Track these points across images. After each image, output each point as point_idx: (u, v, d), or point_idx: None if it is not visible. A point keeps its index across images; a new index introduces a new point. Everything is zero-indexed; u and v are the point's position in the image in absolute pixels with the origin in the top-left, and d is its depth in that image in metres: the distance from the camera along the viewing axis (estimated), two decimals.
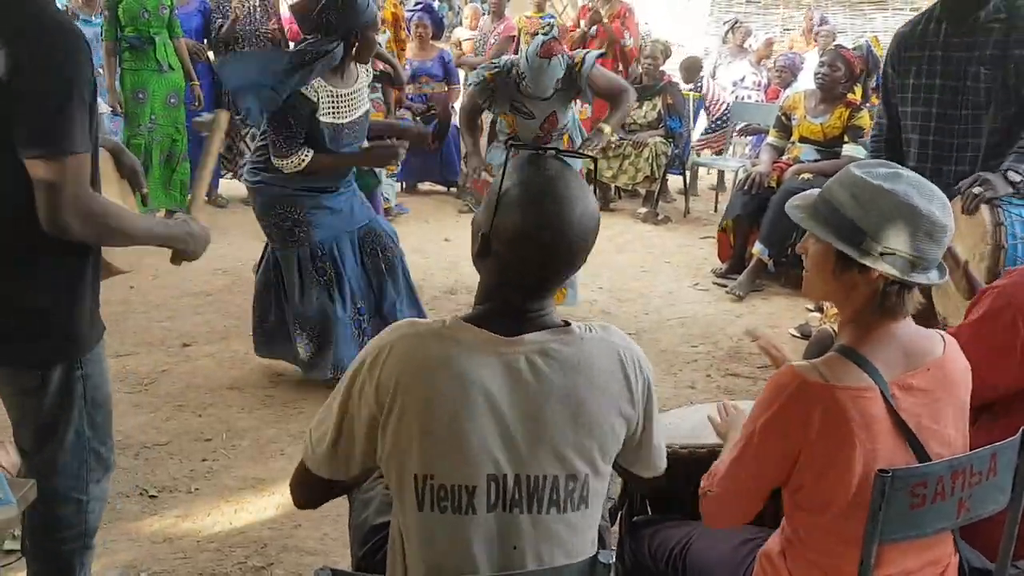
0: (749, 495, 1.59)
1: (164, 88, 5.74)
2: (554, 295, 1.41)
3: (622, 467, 1.52)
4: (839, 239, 1.50)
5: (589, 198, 1.37)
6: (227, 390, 3.63)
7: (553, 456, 1.31)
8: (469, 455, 1.29)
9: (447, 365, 1.30)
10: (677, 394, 3.76)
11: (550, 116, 4.13)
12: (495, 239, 1.35)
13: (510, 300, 1.37)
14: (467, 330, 1.34)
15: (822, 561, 1.54)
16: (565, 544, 1.34)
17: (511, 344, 1.33)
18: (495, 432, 1.29)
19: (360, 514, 1.74)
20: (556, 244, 1.33)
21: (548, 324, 1.37)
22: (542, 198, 1.33)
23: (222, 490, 2.91)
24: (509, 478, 1.31)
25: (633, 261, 5.79)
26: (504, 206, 1.34)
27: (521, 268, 1.35)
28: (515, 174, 1.36)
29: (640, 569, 1.95)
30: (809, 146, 5.21)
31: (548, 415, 1.31)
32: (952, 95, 3.12)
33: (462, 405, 1.28)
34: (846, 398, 1.45)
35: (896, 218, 1.47)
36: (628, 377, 1.38)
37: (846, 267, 1.52)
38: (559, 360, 1.33)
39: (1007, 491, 1.60)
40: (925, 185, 1.51)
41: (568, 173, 1.37)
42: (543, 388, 1.31)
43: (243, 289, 4.80)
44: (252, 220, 6.23)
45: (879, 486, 1.39)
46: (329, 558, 2.51)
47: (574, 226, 1.33)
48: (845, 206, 1.51)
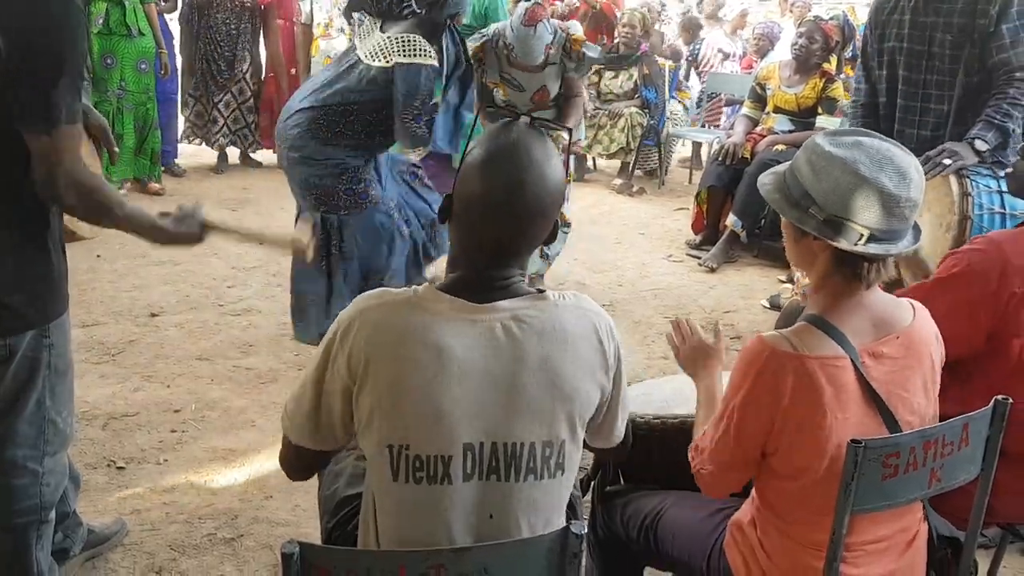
0: (740, 466, 1.59)
1: (134, 54, 5.61)
2: (520, 263, 1.38)
3: (585, 441, 1.49)
4: (788, 204, 1.52)
5: (549, 166, 1.34)
6: (196, 360, 3.58)
7: (530, 423, 1.30)
8: (444, 424, 1.27)
9: (419, 334, 1.28)
10: (650, 365, 3.77)
11: (540, 90, 4.11)
12: (456, 201, 1.35)
13: (474, 265, 1.35)
14: (439, 298, 1.32)
15: (792, 530, 1.55)
16: (542, 510, 1.34)
17: (484, 311, 1.31)
18: (470, 400, 1.28)
19: (330, 486, 1.72)
20: (507, 206, 1.31)
21: (521, 291, 1.35)
22: (498, 160, 1.32)
23: (191, 462, 2.87)
24: (486, 446, 1.29)
25: (608, 232, 5.78)
26: (465, 168, 1.35)
27: (477, 231, 1.34)
28: (483, 138, 1.37)
29: (612, 539, 1.95)
30: (783, 116, 5.22)
31: (524, 382, 1.30)
32: (918, 60, 3.13)
33: (435, 374, 1.27)
34: (816, 367, 1.45)
35: (843, 186, 1.46)
36: (603, 344, 1.37)
37: (801, 235, 1.54)
38: (534, 327, 1.31)
39: (978, 461, 1.61)
40: (884, 154, 1.48)
41: (532, 139, 1.34)
42: (519, 355, 1.30)
43: (212, 258, 4.74)
44: (221, 189, 6.28)
45: (851, 456, 1.39)
46: (300, 529, 2.50)
47: (526, 189, 1.31)
48: (802, 173, 1.52)
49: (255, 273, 4.60)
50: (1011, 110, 2.94)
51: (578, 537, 1.25)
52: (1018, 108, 2.94)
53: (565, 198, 4.29)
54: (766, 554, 1.58)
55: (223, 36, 6.21)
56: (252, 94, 6.51)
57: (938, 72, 3.10)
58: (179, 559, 2.40)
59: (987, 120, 2.95)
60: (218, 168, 6.65)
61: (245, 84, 6.45)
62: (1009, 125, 2.93)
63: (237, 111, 6.49)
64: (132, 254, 4.61)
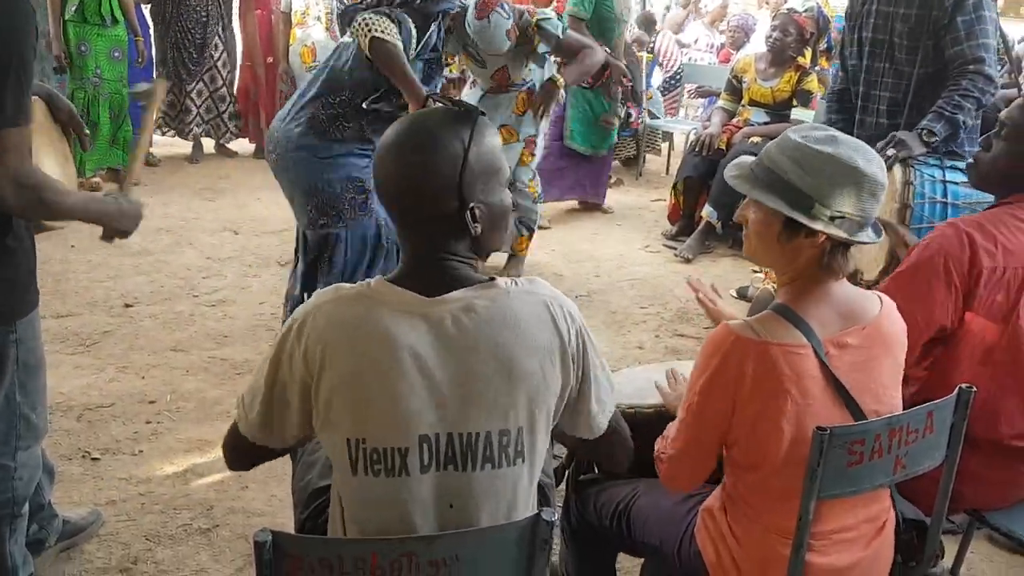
0: (700, 454, 1.61)
1: (107, 43, 5.56)
2: (449, 240, 1.36)
3: (564, 434, 1.49)
4: (790, 207, 1.50)
5: (441, 151, 1.32)
6: (171, 351, 3.57)
7: (485, 412, 1.31)
8: (399, 417, 1.28)
9: (372, 327, 1.29)
10: (626, 354, 3.79)
11: (500, 70, 4.09)
12: (375, 185, 1.42)
13: (413, 247, 1.38)
14: (390, 291, 1.33)
15: (761, 517, 1.58)
16: (502, 499, 1.34)
17: (435, 304, 1.32)
18: (425, 393, 1.29)
19: (304, 476, 1.73)
20: (389, 179, 1.36)
21: (471, 280, 1.36)
22: (394, 144, 1.36)
23: (167, 452, 2.87)
24: (441, 437, 1.30)
25: (585, 223, 5.80)
26: (376, 151, 1.41)
27: (389, 208, 1.40)
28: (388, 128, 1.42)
29: (586, 527, 1.97)
30: (759, 109, 5.25)
31: (477, 371, 1.30)
32: (879, 49, 3.19)
33: (390, 367, 1.27)
34: (778, 353, 1.48)
35: (843, 182, 1.48)
36: (558, 327, 1.36)
37: (793, 233, 1.53)
38: (485, 316, 1.32)
39: (943, 448, 1.64)
40: (861, 145, 1.53)
41: (433, 121, 1.36)
42: (470, 345, 1.30)
43: (186, 249, 4.72)
44: (196, 178, 6.24)
45: (817, 443, 1.42)
46: (276, 519, 2.50)
47: (404, 160, 1.33)
48: (789, 173, 1.52)
49: (230, 264, 4.59)
50: (962, 102, 2.98)
51: (548, 524, 1.26)
52: (969, 100, 2.98)
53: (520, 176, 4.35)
54: (736, 540, 1.60)
55: (193, 23, 6.15)
56: (225, 83, 6.47)
57: (896, 62, 3.15)
58: (155, 549, 2.40)
59: (938, 111, 2.99)
60: (193, 158, 6.61)
61: (217, 72, 6.40)
62: (959, 117, 2.97)
63: (209, 100, 6.44)
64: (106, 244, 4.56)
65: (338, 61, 3.16)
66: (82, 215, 1.79)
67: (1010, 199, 2.02)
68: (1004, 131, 2.02)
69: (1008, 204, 2.02)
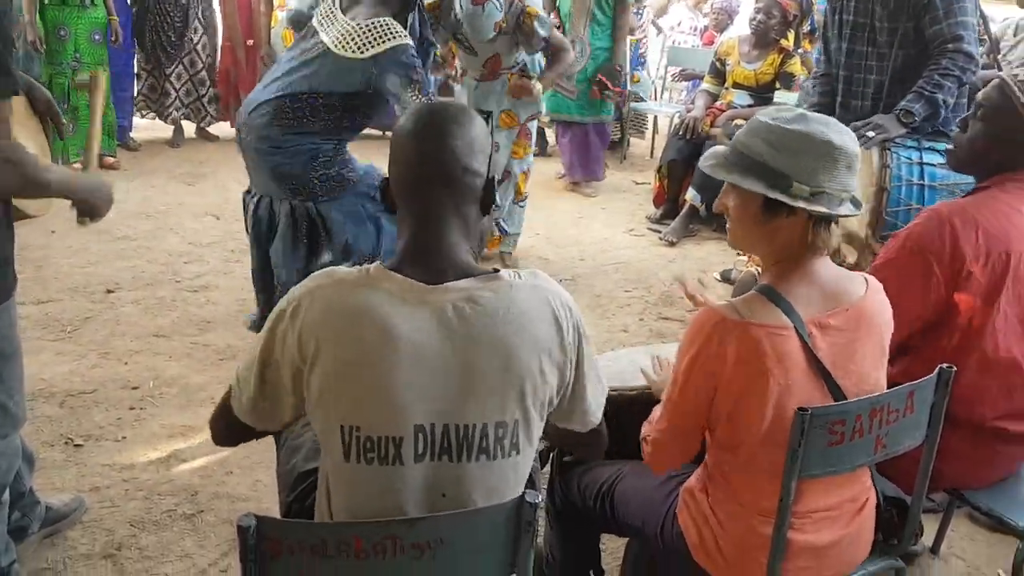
0: (684, 435, 1.62)
1: (87, 25, 5.48)
2: (462, 232, 1.38)
3: (557, 427, 1.49)
4: (768, 187, 1.51)
5: (468, 127, 1.38)
6: (154, 337, 3.55)
7: (483, 404, 1.30)
8: (395, 406, 1.27)
9: (370, 315, 1.28)
10: (611, 338, 3.80)
11: (492, 57, 4.09)
12: (390, 177, 1.40)
13: (416, 236, 1.36)
14: (390, 278, 1.32)
15: (741, 496, 1.59)
16: (495, 490, 1.34)
17: (436, 292, 1.31)
18: (422, 382, 1.28)
19: (289, 460, 1.73)
20: (427, 166, 1.36)
21: (474, 271, 1.35)
22: (418, 125, 1.38)
23: (150, 438, 2.85)
24: (437, 428, 1.29)
25: (570, 207, 5.79)
26: (392, 144, 1.41)
27: (410, 199, 1.38)
28: (405, 115, 1.43)
29: (570, 508, 1.98)
30: (742, 92, 5.25)
31: (478, 364, 1.29)
32: (861, 32, 3.18)
33: (387, 356, 1.26)
34: (761, 334, 1.48)
35: (818, 157, 1.49)
36: (559, 323, 1.37)
37: (774, 213, 1.54)
38: (488, 308, 1.31)
39: (923, 428, 1.65)
40: (830, 120, 1.54)
41: (449, 107, 1.41)
42: (472, 336, 1.29)
43: (168, 234, 4.68)
44: (177, 163, 6.19)
45: (798, 424, 1.43)
46: (261, 504, 2.50)
47: (443, 147, 1.35)
48: (765, 155, 1.53)
49: (212, 249, 4.56)
50: (942, 81, 2.98)
51: (532, 506, 1.27)
52: (949, 79, 2.99)
53: (512, 168, 4.34)
54: (717, 520, 1.61)
55: (173, 5, 6.07)
56: (204, 66, 6.40)
57: (877, 44, 3.15)
58: (139, 535, 2.40)
59: (917, 92, 3.00)
60: (174, 142, 6.54)
61: (196, 55, 6.33)
62: (939, 96, 2.98)
63: (189, 83, 6.37)
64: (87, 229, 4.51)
65: (318, 69, 3.03)
66: (65, 190, 1.79)
67: (989, 182, 2.03)
68: (981, 112, 2.03)
69: (988, 187, 2.03)
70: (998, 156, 2.01)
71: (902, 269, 1.94)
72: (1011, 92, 1.96)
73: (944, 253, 1.91)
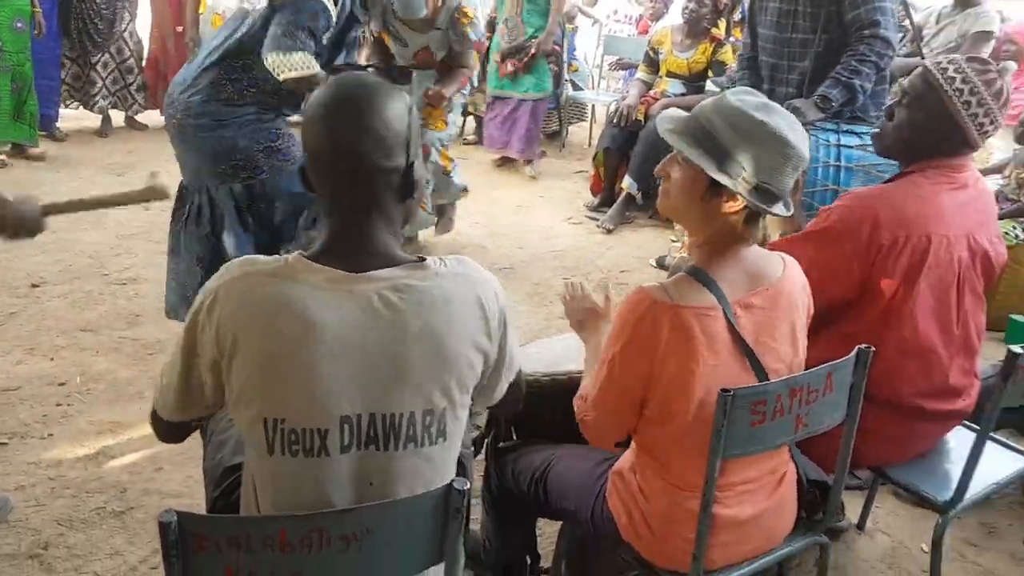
0: (622, 413, 1.64)
1: (9, 13, 5.28)
2: (385, 219, 1.35)
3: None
4: (717, 170, 1.52)
5: (385, 112, 1.32)
6: (81, 332, 3.46)
7: (410, 393, 1.29)
8: (319, 398, 1.25)
9: (291, 306, 1.25)
10: (548, 325, 3.82)
11: (423, 50, 4.05)
12: (307, 161, 1.35)
13: (338, 225, 1.34)
14: (311, 268, 1.29)
15: (668, 472, 1.62)
16: (423, 477, 1.34)
17: (360, 281, 1.29)
18: (347, 373, 1.26)
19: (215, 455, 1.70)
20: (345, 148, 1.30)
21: (399, 259, 1.34)
22: (332, 112, 1.31)
23: (77, 435, 2.79)
24: (363, 418, 1.28)
25: (508, 196, 5.80)
26: (304, 126, 1.35)
27: (330, 184, 1.34)
28: (317, 93, 1.35)
29: (505, 494, 2.00)
30: (676, 80, 5.31)
31: (403, 352, 1.28)
32: (786, 18, 3.24)
33: (309, 348, 1.24)
34: (691, 316, 1.51)
35: (773, 153, 1.51)
36: (485, 309, 1.36)
37: (714, 195, 1.56)
38: (413, 296, 1.29)
39: (843, 407, 1.70)
40: (792, 118, 1.56)
41: (365, 85, 1.33)
42: (398, 325, 1.28)
43: (95, 226, 4.56)
44: (105, 153, 6.03)
45: (721, 404, 1.45)
46: (193, 500, 2.45)
47: (361, 129, 1.30)
48: (724, 136, 1.53)
49: (140, 241, 4.45)
50: (859, 67, 3.05)
51: (460, 493, 1.26)
52: (867, 64, 3.06)
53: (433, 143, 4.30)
54: (645, 498, 1.64)
55: None
56: (132, 53, 6.23)
57: (802, 31, 3.21)
58: (67, 534, 2.34)
59: (835, 77, 3.07)
60: (102, 131, 6.37)
61: (124, 43, 6.16)
62: (856, 82, 3.05)
63: (116, 72, 6.20)
64: None
65: (244, 27, 3.02)
66: None
67: (913, 167, 2.08)
68: (906, 100, 2.07)
69: (911, 172, 2.08)
70: (922, 142, 2.05)
71: (823, 250, 1.98)
72: (934, 80, 2.01)
73: (863, 235, 1.95)
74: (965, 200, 2.03)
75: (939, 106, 2.00)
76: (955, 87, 1.98)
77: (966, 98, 1.98)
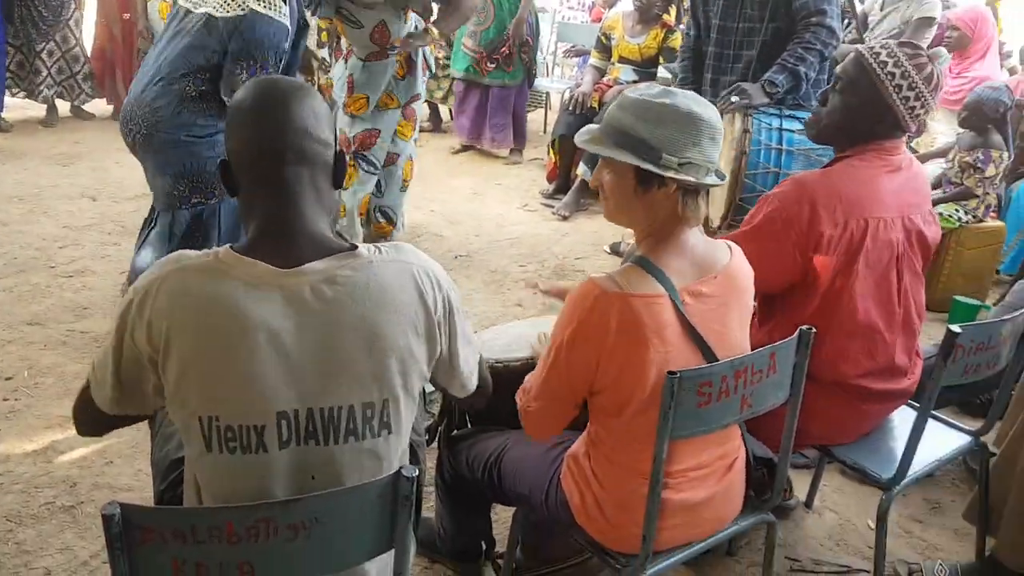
0: (564, 404, 1.65)
1: None
2: (312, 208, 1.35)
3: (440, 386, 1.54)
4: (640, 159, 1.55)
5: (296, 94, 1.36)
6: (27, 326, 3.39)
7: (348, 386, 1.28)
8: (254, 395, 1.24)
9: (221, 302, 1.24)
10: (505, 312, 3.82)
11: (378, 26, 3.99)
12: (231, 159, 1.37)
13: (269, 216, 1.33)
14: (242, 263, 1.27)
15: (620, 459, 1.64)
16: (368, 470, 1.32)
17: (292, 275, 1.27)
18: (281, 369, 1.25)
19: (162, 448, 1.69)
20: (269, 135, 1.32)
21: (332, 248, 1.32)
22: (258, 99, 1.35)
23: (26, 430, 2.74)
24: (301, 413, 1.27)
25: (465, 184, 5.79)
26: (227, 127, 1.38)
27: (255, 177, 1.34)
28: (236, 95, 1.39)
29: (459, 481, 2.01)
30: (628, 66, 5.34)
31: (340, 345, 1.27)
32: (731, 7, 3.29)
33: (242, 345, 1.23)
34: (639, 304, 1.53)
35: (685, 130, 1.54)
36: (423, 295, 1.35)
37: (647, 187, 1.59)
38: (347, 286, 1.28)
39: (786, 387, 1.73)
40: (695, 96, 1.60)
41: (280, 83, 1.38)
42: (332, 317, 1.27)
43: (41, 218, 4.47)
44: (50, 143, 5.90)
45: (668, 387, 1.47)
46: (143, 494, 2.42)
47: (276, 117, 1.33)
48: (635, 128, 1.57)
49: (88, 232, 4.37)
50: (805, 54, 3.11)
51: (409, 480, 1.26)
52: (812, 52, 3.12)
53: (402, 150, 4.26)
54: (599, 483, 1.66)
55: None
56: (78, 42, 6.10)
57: (748, 19, 3.26)
58: (16, 529, 2.30)
59: (781, 63, 3.12)
60: (47, 121, 6.23)
61: (69, 31, 6.03)
62: (801, 68, 3.10)
63: (62, 60, 6.07)
64: None
65: (210, 39, 2.93)
66: None
67: (848, 152, 2.12)
68: (840, 85, 2.11)
69: (848, 156, 2.12)
70: (856, 127, 2.09)
71: (764, 235, 2.02)
72: (867, 64, 2.05)
73: (803, 220, 1.99)
74: (900, 182, 2.08)
75: (872, 90, 2.04)
76: (887, 71, 2.03)
77: (898, 82, 2.02)
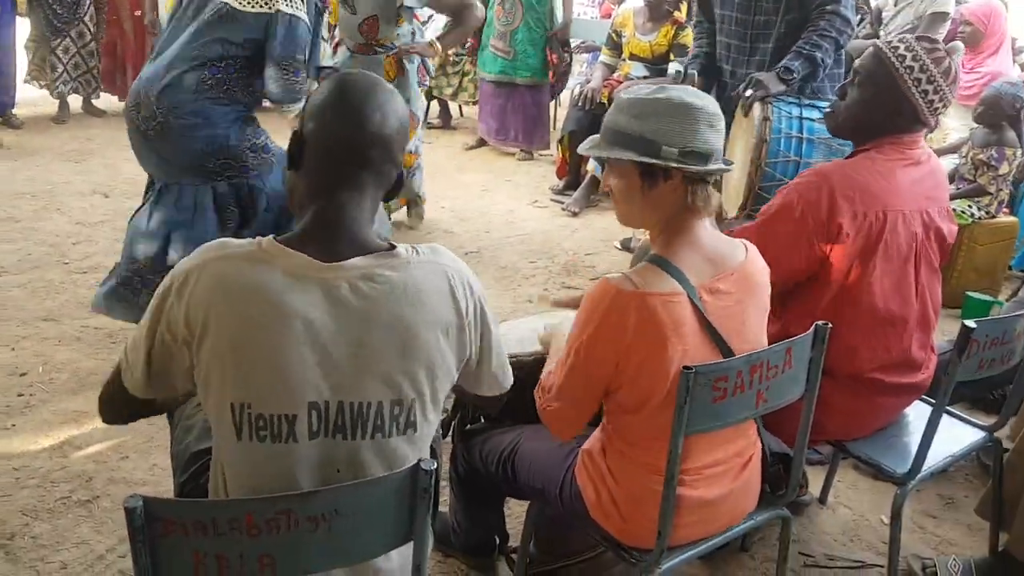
0: (585, 402, 1.66)
1: None
2: (366, 205, 1.37)
3: (464, 390, 1.54)
4: (640, 154, 1.57)
5: (390, 103, 1.38)
6: (42, 322, 3.41)
7: (378, 382, 1.30)
8: (288, 384, 1.26)
9: (262, 291, 1.25)
10: (516, 308, 3.83)
11: (369, 19, 3.99)
12: (305, 140, 1.38)
13: (319, 211, 1.34)
14: (284, 254, 1.29)
15: (637, 455, 1.64)
16: (391, 466, 1.33)
17: (332, 270, 1.29)
18: (316, 360, 1.26)
19: (182, 440, 1.69)
20: (348, 134, 1.34)
21: (372, 247, 1.34)
22: (340, 98, 1.36)
23: (41, 425, 2.75)
24: (331, 405, 1.28)
25: (475, 180, 5.80)
26: (308, 107, 1.38)
27: (320, 164, 1.36)
28: (326, 81, 1.39)
29: (472, 475, 2.01)
30: (639, 63, 5.33)
31: (374, 342, 1.29)
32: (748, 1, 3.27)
33: (279, 333, 1.24)
34: (657, 303, 1.53)
35: (680, 119, 1.56)
36: (456, 299, 1.37)
37: (653, 182, 1.60)
38: (385, 285, 1.30)
39: (802, 382, 1.73)
40: (688, 88, 1.63)
41: (372, 79, 1.40)
42: (368, 314, 1.28)
43: (55, 214, 4.50)
44: (63, 140, 5.93)
45: (684, 382, 1.48)
46: (159, 488, 2.44)
47: (365, 118, 1.34)
48: (630, 126, 1.59)
49: (101, 228, 4.40)
50: (820, 41, 3.10)
51: (428, 473, 1.27)
52: (827, 40, 3.11)
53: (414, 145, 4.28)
54: (614, 479, 1.66)
55: None
56: (92, 37, 6.13)
57: (764, 12, 3.25)
58: (32, 524, 2.32)
59: (796, 50, 3.11)
60: (59, 117, 6.27)
61: (85, 27, 6.06)
62: (817, 55, 3.10)
63: (77, 56, 6.10)
64: None
65: (227, 30, 2.88)
66: None
67: (868, 145, 2.12)
68: (858, 79, 2.11)
69: (867, 150, 2.12)
70: (875, 121, 2.09)
71: (782, 225, 2.02)
72: (886, 57, 2.05)
73: (822, 210, 1.99)
74: (919, 176, 2.08)
75: (890, 83, 2.05)
76: (906, 65, 2.03)
77: (916, 75, 2.02)
